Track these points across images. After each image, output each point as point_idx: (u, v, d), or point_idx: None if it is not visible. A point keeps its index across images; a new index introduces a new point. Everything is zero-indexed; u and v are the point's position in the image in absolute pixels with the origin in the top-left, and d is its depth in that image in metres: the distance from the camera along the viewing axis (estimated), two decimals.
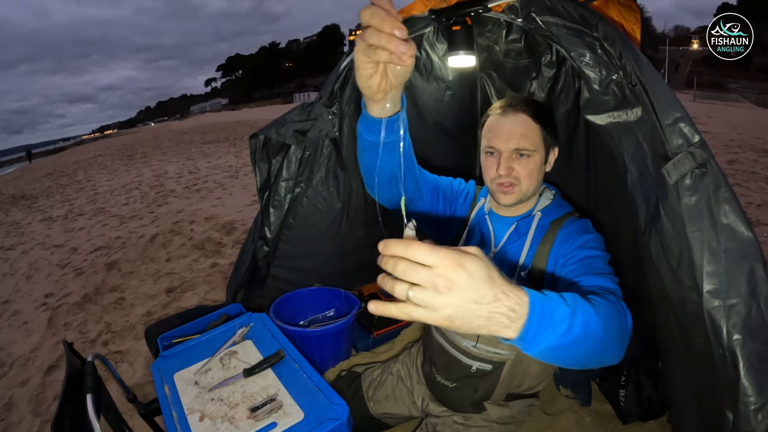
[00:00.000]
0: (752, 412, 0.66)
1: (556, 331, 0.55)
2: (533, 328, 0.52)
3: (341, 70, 1.43)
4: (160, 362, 1.05)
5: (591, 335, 0.60)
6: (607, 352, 0.67)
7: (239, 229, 4.08)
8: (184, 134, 19.61)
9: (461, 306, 0.47)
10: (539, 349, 0.55)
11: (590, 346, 0.61)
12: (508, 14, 1.03)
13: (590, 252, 0.88)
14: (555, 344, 0.55)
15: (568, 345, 0.57)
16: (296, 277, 1.72)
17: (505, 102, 0.99)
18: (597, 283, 0.79)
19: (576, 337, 0.57)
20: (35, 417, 1.90)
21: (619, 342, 0.69)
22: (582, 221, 0.98)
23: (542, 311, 0.53)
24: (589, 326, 0.59)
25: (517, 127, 0.94)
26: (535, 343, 0.54)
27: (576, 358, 0.62)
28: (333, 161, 1.54)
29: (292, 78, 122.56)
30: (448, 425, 1.07)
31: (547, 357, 0.58)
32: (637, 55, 0.81)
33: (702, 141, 0.72)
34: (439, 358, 1.08)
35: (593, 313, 0.61)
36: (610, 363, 0.70)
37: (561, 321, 0.55)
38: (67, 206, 6.65)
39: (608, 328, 0.63)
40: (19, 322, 2.87)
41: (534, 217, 1.01)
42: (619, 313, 0.70)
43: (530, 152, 0.95)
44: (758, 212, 3.67)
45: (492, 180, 0.98)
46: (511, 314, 0.50)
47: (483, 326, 0.49)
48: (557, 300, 0.57)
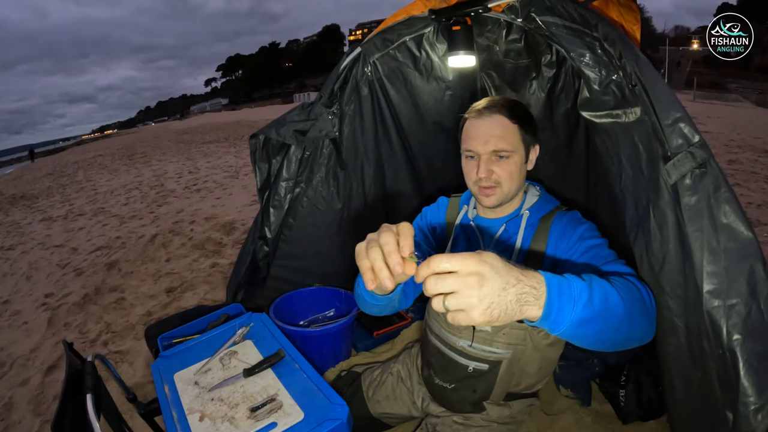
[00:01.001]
0: (752, 412, 0.66)
1: (578, 303, 0.58)
2: (555, 304, 0.56)
3: (341, 70, 1.44)
4: (160, 362, 1.05)
5: (612, 308, 0.62)
6: (634, 327, 0.68)
7: (239, 229, 4.07)
8: (184, 134, 19.61)
9: (494, 296, 0.51)
10: (566, 325, 0.57)
11: (615, 320, 0.63)
12: (508, 14, 1.03)
13: (591, 242, 0.88)
14: (579, 318, 0.58)
15: (593, 318, 0.59)
16: (296, 277, 1.72)
17: (481, 104, 0.98)
18: (611, 269, 0.80)
19: (598, 309, 0.60)
20: (35, 417, 1.90)
21: (645, 317, 0.71)
22: (571, 213, 0.98)
23: (559, 286, 0.57)
24: (609, 298, 0.62)
25: (493, 129, 0.94)
26: (560, 319, 0.57)
27: (605, 334, 0.64)
28: (333, 161, 1.55)
29: (292, 78, 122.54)
30: (448, 425, 1.07)
31: (576, 335, 0.60)
32: (637, 55, 0.81)
33: (702, 141, 0.72)
34: (437, 360, 1.09)
35: (610, 287, 0.64)
36: (642, 340, 0.72)
37: (580, 293, 0.59)
38: (67, 206, 6.65)
39: (629, 302, 0.66)
40: (19, 322, 2.86)
41: (522, 216, 1.01)
42: (639, 290, 0.72)
43: (509, 153, 0.94)
44: (758, 212, 3.66)
45: (473, 183, 0.98)
46: (534, 291, 0.54)
47: (516, 310, 0.53)
48: (572, 276, 0.60)
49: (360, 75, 1.45)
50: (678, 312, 0.77)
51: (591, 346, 0.66)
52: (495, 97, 1.02)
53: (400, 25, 1.34)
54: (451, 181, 1.75)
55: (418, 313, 1.77)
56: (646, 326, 0.73)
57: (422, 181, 1.79)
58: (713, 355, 0.71)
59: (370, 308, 0.91)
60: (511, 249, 0.99)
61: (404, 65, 1.45)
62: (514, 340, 0.98)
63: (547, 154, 1.34)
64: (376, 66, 1.45)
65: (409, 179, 1.76)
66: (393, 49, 1.41)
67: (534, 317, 0.56)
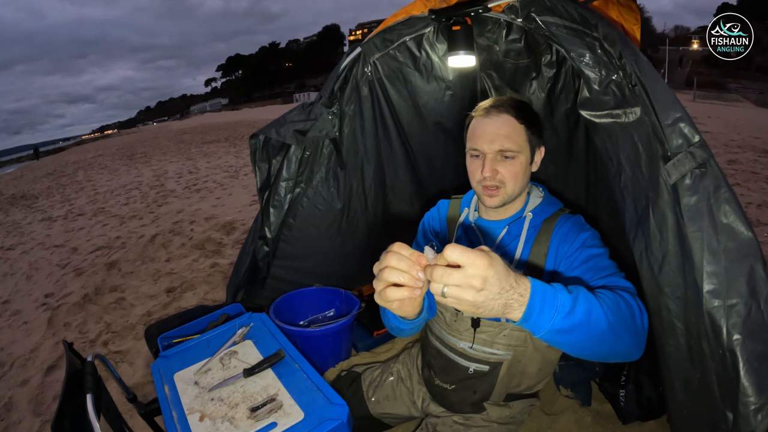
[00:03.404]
0: (752, 412, 0.66)
1: (558, 313, 0.60)
2: (536, 310, 0.58)
3: (341, 70, 1.44)
4: (160, 362, 1.05)
5: (595, 322, 0.64)
6: (618, 343, 0.69)
7: (239, 229, 4.07)
8: (184, 134, 19.59)
9: (488, 299, 0.54)
10: (544, 330, 0.60)
11: (596, 334, 0.64)
12: (508, 14, 1.03)
13: (592, 251, 0.87)
14: (558, 326, 0.60)
15: (572, 329, 0.61)
16: (296, 277, 1.72)
17: (489, 103, 0.97)
18: (609, 283, 0.79)
19: (579, 321, 0.62)
20: (35, 417, 1.90)
21: (632, 335, 0.71)
22: (575, 218, 0.97)
23: (544, 295, 0.59)
24: (592, 313, 0.63)
25: (500, 128, 0.93)
26: (539, 324, 0.60)
27: (585, 344, 0.65)
28: (333, 161, 1.54)
29: (292, 78, 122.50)
30: (448, 425, 1.07)
31: (556, 341, 0.63)
32: (637, 55, 0.81)
33: (702, 141, 0.72)
34: (437, 361, 1.08)
35: (596, 303, 0.65)
36: (628, 358, 0.73)
37: (562, 305, 0.61)
38: (67, 206, 6.65)
39: (614, 319, 0.66)
40: (19, 322, 2.86)
41: (525, 218, 1.00)
42: (630, 308, 0.72)
43: (515, 153, 0.93)
44: (758, 212, 3.66)
45: (477, 183, 0.98)
46: (520, 299, 0.57)
47: (499, 312, 0.56)
48: (559, 287, 0.62)
49: (360, 75, 1.45)
50: (677, 312, 0.77)
51: (573, 354, 0.69)
52: (502, 97, 1.00)
53: (400, 25, 1.34)
54: (452, 182, 1.76)
55: None
56: (633, 344, 0.72)
57: (422, 181, 1.79)
58: (713, 355, 0.71)
59: (408, 333, 0.91)
60: (513, 252, 0.98)
61: (404, 65, 1.45)
62: (514, 341, 0.98)
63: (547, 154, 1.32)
64: (376, 66, 1.45)
65: (409, 179, 1.76)
66: (393, 49, 1.41)
67: (514, 319, 0.59)
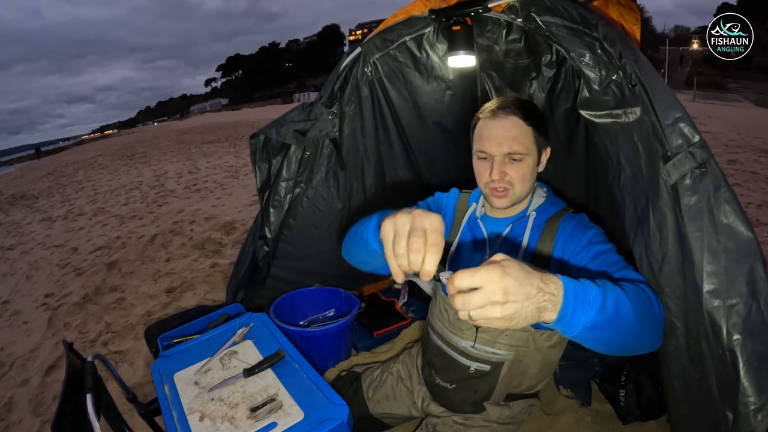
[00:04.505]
0: (752, 412, 0.66)
1: (592, 308, 0.59)
2: (570, 308, 0.57)
3: (341, 70, 1.44)
4: (160, 362, 1.04)
5: (624, 314, 0.63)
6: (643, 335, 0.70)
7: (239, 229, 4.07)
8: (184, 134, 19.59)
9: (516, 308, 0.53)
10: (578, 329, 0.59)
11: (625, 327, 0.64)
12: (508, 14, 1.03)
13: (599, 247, 0.88)
14: (592, 322, 0.59)
15: (604, 324, 0.61)
16: (296, 277, 1.72)
17: (495, 104, 0.97)
18: (620, 276, 0.80)
19: (610, 315, 0.61)
20: (35, 417, 1.90)
21: (653, 325, 0.72)
22: (579, 216, 0.98)
23: (576, 291, 0.58)
24: (621, 305, 0.63)
25: (508, 130, 0.93)
26: (574, 322, 0.58)
27: (615, 339, 0.65)
28: (333, 161, 1.54)
29: (292, 78, 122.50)
30: (449, 425, 1.07)
31: (587, 338, 0.62)
32: (637, 55, 0.81)
33: (702, 141, 0.72)
34: (438, 360, 1.08)
35: (623, 294, 0.65)
36: (649, 348, 0.74)
37: (594, 299, 0.60)
38: (67, 206, 6.65)
39: (640, 310, 0.67)
40: (19, 322, 2.86)
41: (529, 217, 1.00)
42: (649, 299, 0.73)
43: (523, 155, 0.93)
44: (758, 212, 3.66)
45: (485, 185, 0.98)
46: (553, 299, 0.56)
47: (535, 317, 0.55)
48: (588, 281, 0.62)
49: (360, 75, 1.45)
50: (677, 312, 0.77)
51: (601, 350, 0.68)
52: (508, 97, 1.00)
53: (400, 25, 1.34)
54: (452, 182, 1.75)
55: (418, 313, 1.76)
56: (654, 334, 0.74)
57: (423, 181, 1.79)
58: (713, 355, 0.71)
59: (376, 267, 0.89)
60: (517, 249, 0.99)
61: (404, 65, 1.45)
62: (516, 341, 0.98)
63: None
64: (377, 66, 1.45)
65: (409, 179, 1.76)
66: (393, 49, 1.41)
67: (549, 320, 0.58)
